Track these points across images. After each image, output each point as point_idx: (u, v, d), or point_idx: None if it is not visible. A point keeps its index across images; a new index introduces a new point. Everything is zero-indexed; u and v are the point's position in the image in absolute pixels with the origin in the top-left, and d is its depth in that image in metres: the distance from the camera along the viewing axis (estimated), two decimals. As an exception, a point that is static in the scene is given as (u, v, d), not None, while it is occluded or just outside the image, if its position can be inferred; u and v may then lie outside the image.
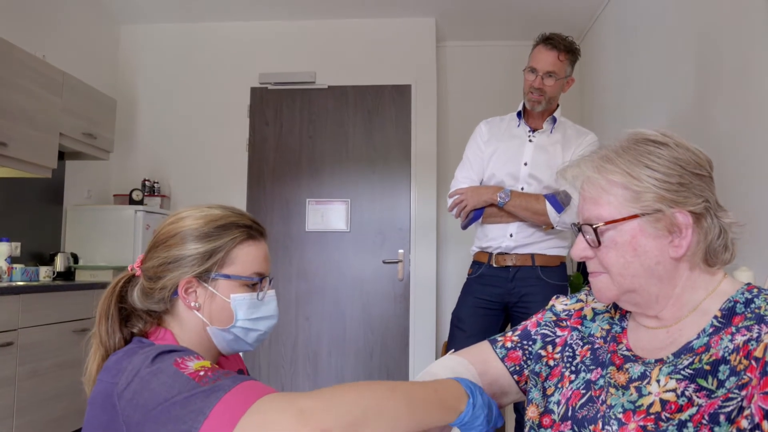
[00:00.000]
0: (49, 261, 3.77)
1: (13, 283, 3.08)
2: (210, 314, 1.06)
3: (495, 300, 2.35)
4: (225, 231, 1.06)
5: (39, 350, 2.91)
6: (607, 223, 0.92)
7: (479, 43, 4.71)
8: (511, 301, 2.34)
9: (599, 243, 0.94)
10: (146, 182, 4.32)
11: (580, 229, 0.97)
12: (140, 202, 4.16)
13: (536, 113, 2.39)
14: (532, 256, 2.32)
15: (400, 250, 4.33)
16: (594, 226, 0.93)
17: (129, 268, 1.11)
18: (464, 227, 2.45)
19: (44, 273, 3.52)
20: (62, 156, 3.91)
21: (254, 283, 1.09)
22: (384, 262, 4.33)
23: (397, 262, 4.32)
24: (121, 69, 4.61)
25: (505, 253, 2.35)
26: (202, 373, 0.85)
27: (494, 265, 2.36)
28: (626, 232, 0.91)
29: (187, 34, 4.58)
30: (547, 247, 2.33)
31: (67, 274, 3.71)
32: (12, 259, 3.39)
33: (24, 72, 3.15)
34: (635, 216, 0.90)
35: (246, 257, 1.08)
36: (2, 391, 2.70)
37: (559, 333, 1.09)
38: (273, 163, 4.46)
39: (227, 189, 4.42)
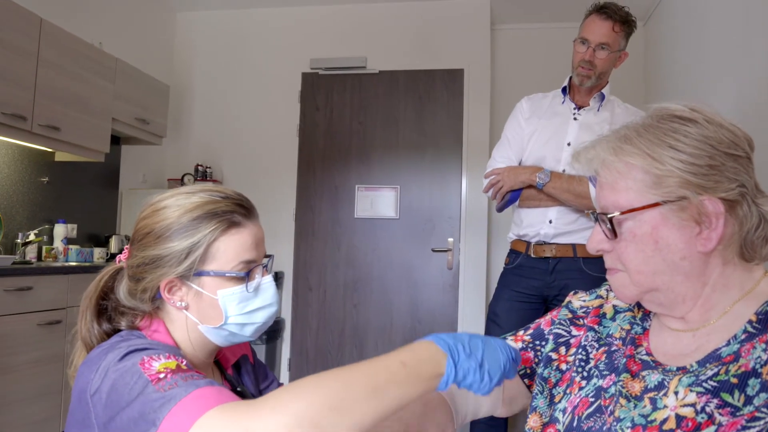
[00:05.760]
0: (105, 243, 3.88)
1: (65, 264, 3.17)
2: (199, 312, 0.98)
3: (533, 293, 2.21)
4: (202, 223, 0.95)
5: (87, 329, 2.99)
6: (624, 212, 0.81)
7: (536, 25, 4.51)
8: (550, 294, 2.19)
9: (616, 235, 0.83)
10: (199, 167, 4.38)
11: (596, 219, 0.86)
12: (192, 187, 4.22)
13: (584, 89, 2.21)
14: (574, 246, 2.16)
15: (450, 239, 4.22)
16: (609, 216, 0.82)
17: (116, 260, 1.05)
18: (500, 210, 2.30)
19: (98, 254, 3.63)
20: (118, 141, 4.01)
21: (242, 276, 0.98)
22: (433, 251, 4.24)
23: (446, 251, 4.22)
24: (176, 55, 4.69)
25: (544, 243, 2.19)
26: (162, 375, 0.81)
27: (532, 256, 2.21)
28: (646, 222, 0.79)
29: (241, 21, 4.60)
30: (589, 236, 2.17)
31: (121, 256, 3.80)
32: (68, 241, 3.51)
33: (77, 58, 3.23)
34: (656, 204, 0.79)
35: (228, 248, 0.96)
36: (52, 367, 2.79)
37: (574, 332, 0.98)
38: (323, 148, 4.43)
39: (277, 174, 4.43)
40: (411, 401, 0.76)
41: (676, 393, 0.76)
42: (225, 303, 0.97)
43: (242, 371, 1.17)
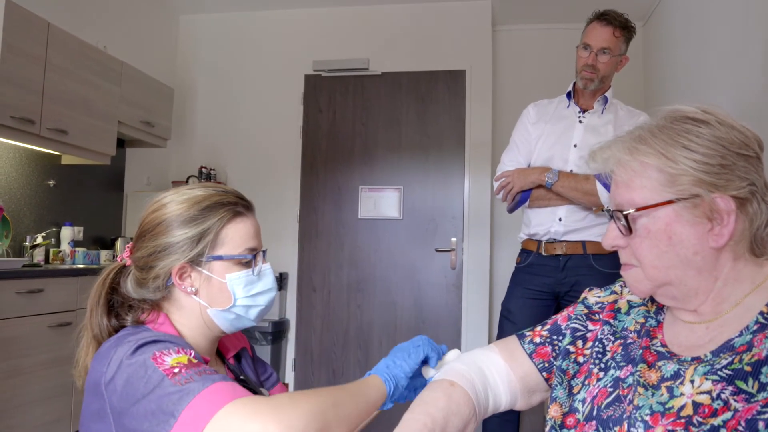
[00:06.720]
0: (110, 245, 3.91)
1: (74, 266, 3.20)
2: (208, 297, 1.06)
3: (545, 290, 2.27)
4: (211, 212, 1.04)
5: (96, 331, 3.02)
6: (639, 209, 0.84)
7: (537, 26, 4.55)
8: (561, 291, 2.25)
9: (631, 231, 0.86)
10: (203, 169, 4.41)
11: (612, 216, 0.90)
12: (197, 189, 4.25)
13: (587, 93, 2.30)
14: (584, 243, 2.21)
15: (453, 239, 4.26)
16: (625, 213, 0.86)
17: (118, 259, 1.11)
18: (511, 211, 2.37)
19: (105, 257, 3.65)
20: (122, 144, 4.04)
21: (248, 260, 1.07)
22: (436, 251, 4.28)
23: (449, 251, 4.25)
24: (179, 58, 4.72)
25: (555, 241, 2.25)
26: (176, 370, 0.87)
27: (543, 254, 2.27)
28: (660, 219, 0.83)
29: (244, 23, 4.63)
30: (599, 233, 2.22)
31: (127, 258, 3.83)
32: (75, 243, 3.53)
33: (83, 62, 3.26)
34: (670, 201, 0.82)
35: (236, 235, 1.06)
36: (62, 369, 2.82)
37: (590, 327, 1.01)
38: (326, 150, 4.47)
39: (281, 176, 4.47)
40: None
41: (692, 381, 0.80)
42: (233, 286, 1.06)
43: (242, 362, 1.24)
